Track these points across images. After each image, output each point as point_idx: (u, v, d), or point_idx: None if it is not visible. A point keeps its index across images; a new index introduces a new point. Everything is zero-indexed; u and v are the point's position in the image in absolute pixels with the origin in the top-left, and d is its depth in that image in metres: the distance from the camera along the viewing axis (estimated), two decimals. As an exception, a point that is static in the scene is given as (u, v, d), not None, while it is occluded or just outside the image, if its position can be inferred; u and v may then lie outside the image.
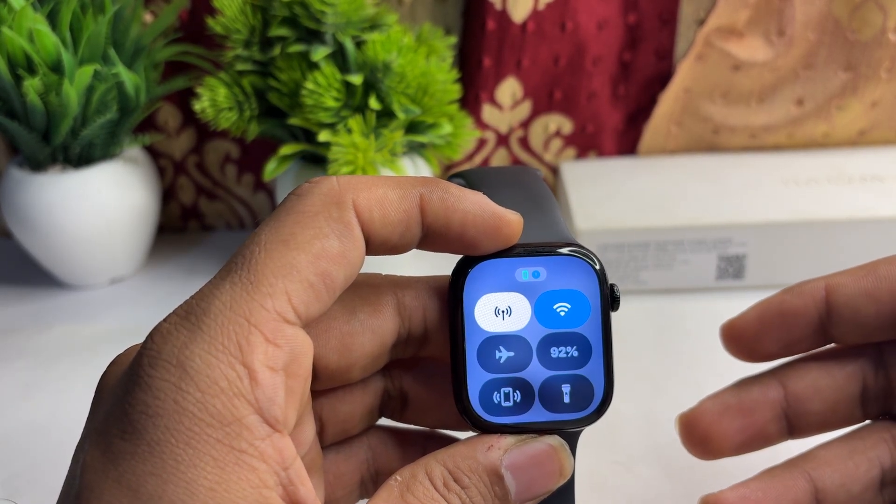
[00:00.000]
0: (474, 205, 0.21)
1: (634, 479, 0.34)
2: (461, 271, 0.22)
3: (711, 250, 0.47)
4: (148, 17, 0.52)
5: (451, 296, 0.22)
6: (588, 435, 0.37)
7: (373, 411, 0.25)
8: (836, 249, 0.47)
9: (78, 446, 0.18)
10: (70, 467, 0.18)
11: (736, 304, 0.47)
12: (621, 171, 0.54)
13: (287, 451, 0.18)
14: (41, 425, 0.40)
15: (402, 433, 0.26)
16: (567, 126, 0.55)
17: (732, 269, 0.47)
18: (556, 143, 0.56)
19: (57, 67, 0.44)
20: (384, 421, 0.26)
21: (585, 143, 0.56)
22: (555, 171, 0.57)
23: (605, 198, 0.50)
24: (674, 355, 0.42)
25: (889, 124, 0.54)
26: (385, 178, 0.21)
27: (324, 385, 0.23)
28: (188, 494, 0.16)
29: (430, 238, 0.21)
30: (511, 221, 0.21)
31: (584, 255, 0.22)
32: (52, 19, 0.45)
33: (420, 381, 0.25)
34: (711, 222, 0.46)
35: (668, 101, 0.54)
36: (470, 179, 0.25)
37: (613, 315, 0.24)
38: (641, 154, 0.57)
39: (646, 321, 0.45)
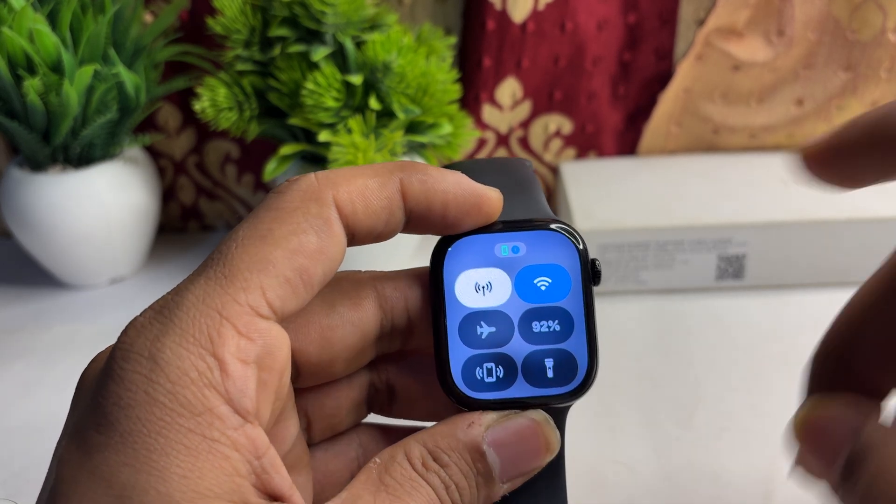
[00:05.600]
0: (454, 184, 0.21)
1: (634, 479, 0.34)
2: (441, 248, 0.22)
3: (711, 250, 0.47)
4: (148, 17, 0.52)
5: (432, 273, 0.22)
6: (588, 435, 0.37)
7: (360, 405, 0.25)
8: (836, 249, 0.47)
9: (57, 443, 0.19)
10: (50, 464, 0.19)
11: (736, 304, 0.47)
12: (621, 171, 0.54)
13: (260, 440, 0.18)
14: (41, 425, 0.40)
15: (392, 430, 0.26)
16: (567, 126, 0.55)
17: (732, 268, 0.48)
18: (556, 143, 0.56)
19: (57, 67, 0.44)
20: (375, 419, 0.26)
21: (585, 143, 0.56)
22: (555, 171, 0.57)
23: (605, 198, 0.50)
24: (674, 355, 0.42)
25: (889, 124, 0.54)
26: (363, 168, 0.21)
27: (308, 382, 0.23)
28: (160, 482, 0.16)
29: (414, 221, 0.21)
30: (491, 198, 0.21)
31: (563, 229, 0.22)
32: (52, 19, 0.45)
33: (406, 372, 0.25)
34: (711, 222, 0.46)
35: (667, 101, 0.54)
36: (458, 169, 0.25)
37: (615, 314, 0.23)
38: (641, 154, 0.57)
39: (646, 321, 0.45)
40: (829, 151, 0.21)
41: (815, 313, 0.46)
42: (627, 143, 0.56)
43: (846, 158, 0.21)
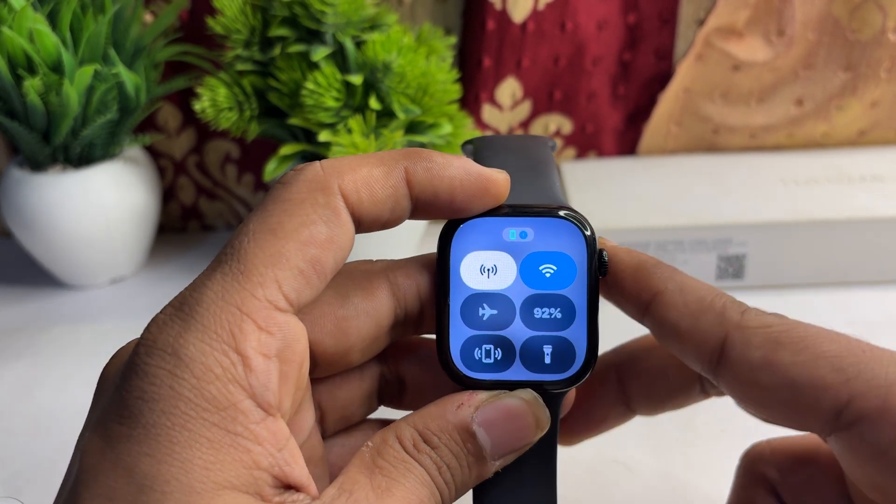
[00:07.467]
0: (459, 169, 0.21)
1: (634, 479, 0.34)
2: (450, 229, 0.22)
3: (711, 250, 0.47)
4: (148, 17, 0.52)
5: (439, 252, 0.22)
6: (588, 435, 0.37)
7: (371, 396, 0.25)
8: (836, 249, 0.47)
9: (79, 436, 0.19)
10: (72, 456, 0.19)
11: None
12: (621, 171, 0.54)
13: (281, 433, 0.18)
14: (42, 424, 0.40)
15: None
16: (567, 126, 0.55)
17: (732, 269, 0.48)
18: (556, 143, 0.56)
19: (57, 67, 0.44)
20: (390, 415, 0.26)
21: (585, 143, 0.56)
22: (555, 170, 0.57)
23: (605, 198, 0.50)
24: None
25: (889, 124, 0.54)
26: (368, 157, 0.21)
27: (325, 372, 0.23)
28: (182, 472, 0.17)
29: (421, 208, 0.22)
30: (497, 180, 0.22)
31: (573, 218, 0.22)
32: (53, 19, 0.45)
33: (416, 364, 0.25)
34: (711, 222, 0.46)
35: (667, 101, 0.54)
36: (477, 145, 0.25)
37: (616, 313, 0.23)
38: (641, 154, 0.57)
39: (646, 321, 0.45)
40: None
41: (815, 313, 0.46)
42: (627, 143, 0.56)
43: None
